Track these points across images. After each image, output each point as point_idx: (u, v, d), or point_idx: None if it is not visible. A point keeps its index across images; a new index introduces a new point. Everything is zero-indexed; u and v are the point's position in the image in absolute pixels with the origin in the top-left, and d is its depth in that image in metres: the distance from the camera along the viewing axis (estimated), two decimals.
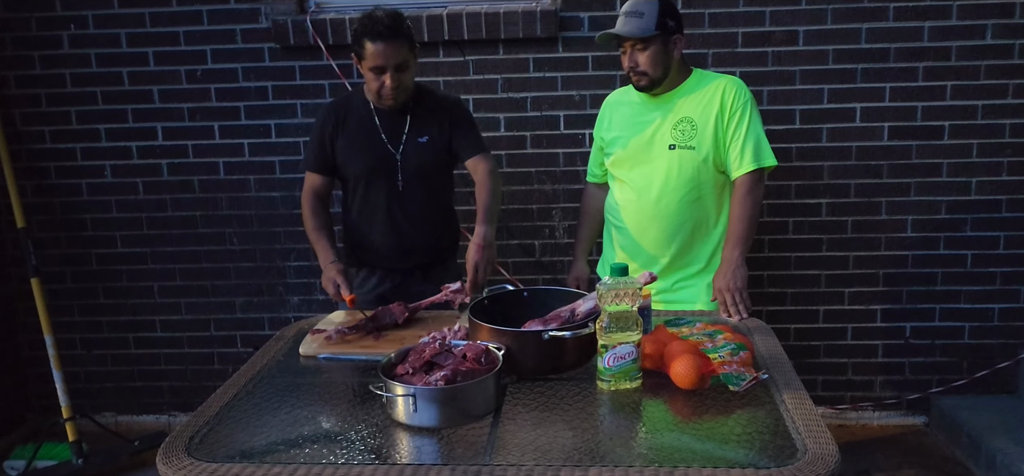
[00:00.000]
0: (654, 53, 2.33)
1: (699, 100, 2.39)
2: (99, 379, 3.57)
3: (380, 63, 2.26)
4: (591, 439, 1.48)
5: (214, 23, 3.17)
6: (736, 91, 2.37)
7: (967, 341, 3.29)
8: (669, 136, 2.40)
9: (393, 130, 2.44)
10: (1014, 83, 3.03)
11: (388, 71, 2.28)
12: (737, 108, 2.35)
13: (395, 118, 2.43)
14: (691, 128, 2.38)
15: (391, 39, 2.25)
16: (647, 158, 2.43)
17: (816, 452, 1.39)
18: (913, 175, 3.14)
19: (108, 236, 3.41)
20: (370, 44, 2.25)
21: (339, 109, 2.48)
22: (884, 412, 3.40)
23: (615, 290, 1.63)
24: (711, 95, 2.38)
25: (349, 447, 1.46)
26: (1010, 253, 3.19)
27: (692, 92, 2.42)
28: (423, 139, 2.44)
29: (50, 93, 3.27)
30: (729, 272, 2.31)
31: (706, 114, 2.37)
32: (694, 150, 2.37)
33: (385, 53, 2.25)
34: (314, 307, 3.41)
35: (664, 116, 2.42)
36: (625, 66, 2.39)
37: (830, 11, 3.01)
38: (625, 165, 2.49)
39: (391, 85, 2.29)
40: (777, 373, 1.76)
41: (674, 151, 2.39)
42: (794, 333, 3.32)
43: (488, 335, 1.71)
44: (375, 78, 2.30)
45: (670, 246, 2.45)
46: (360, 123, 2.44)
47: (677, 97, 2.42)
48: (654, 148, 2.42)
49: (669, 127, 2.40)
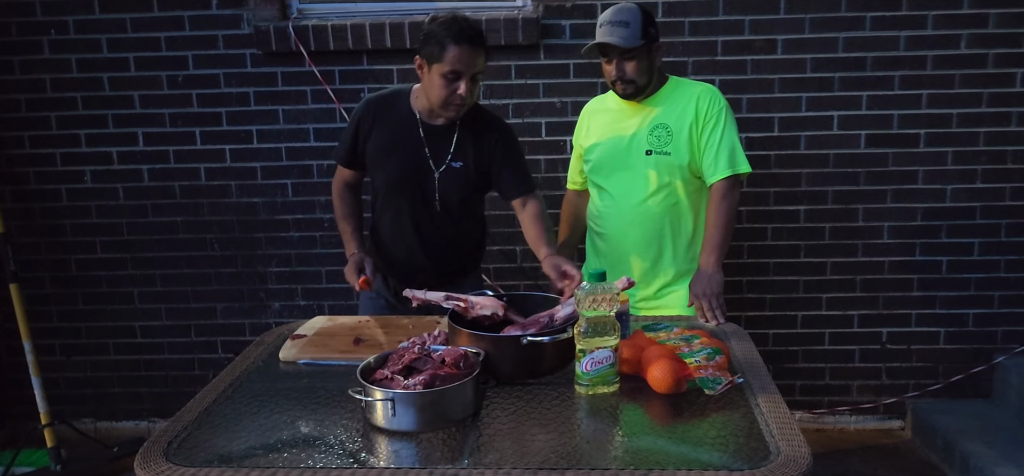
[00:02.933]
0: (640, 62, 2.35)
1: (674, 106, 2.43)
2: (78, 385, 3.55)
3: (460, 68, 2.12)
4: (569, 443, 1.49)
5: (196, 29, 3.17)
6: (711, 98, 2.40)
7: (942, 346, 3.34)
8: (645, 141, 2.42)
9: (439, 146, 2.29)
10: (988, 92, 3.09)
11: (465, 78, 2.14)
12: (711, 115, 2.38)
13: (442, 133, 2.29)
14: (666, 134, 2.41)
15: (478, 45, 2.14)
16: (625, 164, 2.46)
17: (789, 454, 1.41)
18: (889, 182, 3.19)
19: (88, 241, 3.39)
20: (454, 47, 2.10)
21: (380, 107, 2.33)
22: (861, 416, 3.44)
23: (593, 295, 1.65)
24: (686, 102, 2.41)
25: (327, 451, 1.46)
26: (984, 259, 3.24)
27: (668, 98, 2.45)
28: (458, 164, 2.30)
29: (30, 98, 3.26)
30: (705, 278, 2.33)
31: (681, 120, 2.40)
32: (669, 155, 2.40)
33: (469, 59, 2.12)
34: (295, 312, 3.40)
35: (641, 122, 2.45)
36: (611, 76, 2.39)
37: (808, 20, 3.05)
38: (604, 171, 2.51)
39: (465, 94, 2.15)
40: (752, 377, 1.78)
41: (651, 156, 2.41)
42: (773, 338, 3.35)
43: (467, 340, 1.72)
44: (446, 85, 2.15)
45: (650, 250, 2.47)
46: (402, 129, 2.30)
47: (654, 104, 2.45)
48: (632, 154, 2.44)
49: (645, 133, 2.43)
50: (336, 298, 3.41)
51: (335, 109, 3.20)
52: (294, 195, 3.31)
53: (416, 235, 2.37)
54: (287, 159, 3.28)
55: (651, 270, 2.49)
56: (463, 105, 2.20)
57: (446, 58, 2.12)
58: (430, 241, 2.38)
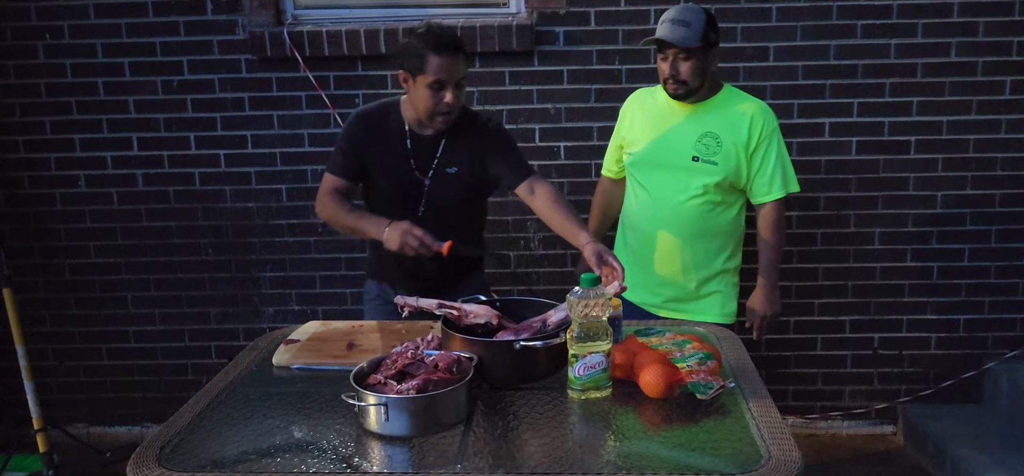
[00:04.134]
0: (696, 64, 2.37)
1: (726, 118, 2.44)
2: (71, 390, 3.54)
3: (443, 77, 2.13)
4: (561, 447, 1.50)
5: (191, 34, 3.18)
6: (765, 119, 2.44)
7: (933, 351, 3.36)
8: (693, 147, 2.44)
9: (424, 155, 2.30)
10: (977, 100, 3.11)
11: (449, 86, 2.15)
12: (765, 136, 2.43)
13: (428, 142, 2.29)
14: (716, 143, 2.43)
15: (457, 52, 2.15)
16: (667, 164, 2.47)
17: (780, 459, 1.43)
18: (880, 189, 3.21)
19: (81, 246, 3.39)
20: (435, 57, 2.11)
21: (375, 120, 2.33)
22: (853, 421, 3.45)
23: (586, 301, 1.66)
24: (739, 117, 2.44)
25: (320, 456, 1.47)
26: (974, 265, 3.27)
27: (720, 108, 2.47)
28: (452, 170, 2.30)
29: (24, 103, 3.25)
30: (767, 298, 2.52)
31: (732, 134, 2.42)
32: (716, 165, 2.42)
33: (451, 66, 2.13)
34: (289, 318, 3.40)
35: (690, 126, 2.46)
36: (664, 72, 2.40)
37: (800, 28, 3.07)
38: (645, 168, 2.51)
39: (452, 101, 2.16)
40: (744, 382, 1.79)
41: (697, 163, 2.43)
42: (765, 343, 3.34)
43: (460, 345, 1.73)
44: (433, 95, 2.16)
45: (681, 254, 2.50)
46: (394, 140, 2.30)
47: (705, 110, 2.47)
48: (676, 156, 2.45)
49: (694, 138, 2.44)
50: (330, 303, 3.41)
51: (330, 114, 3.21)
52: (288, 200, 3.32)
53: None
54: (281, 164, 3.29)
55: (681, 274, 2.53)
56: (451, 113, 2.21)
57: (429, 68, 2.13)
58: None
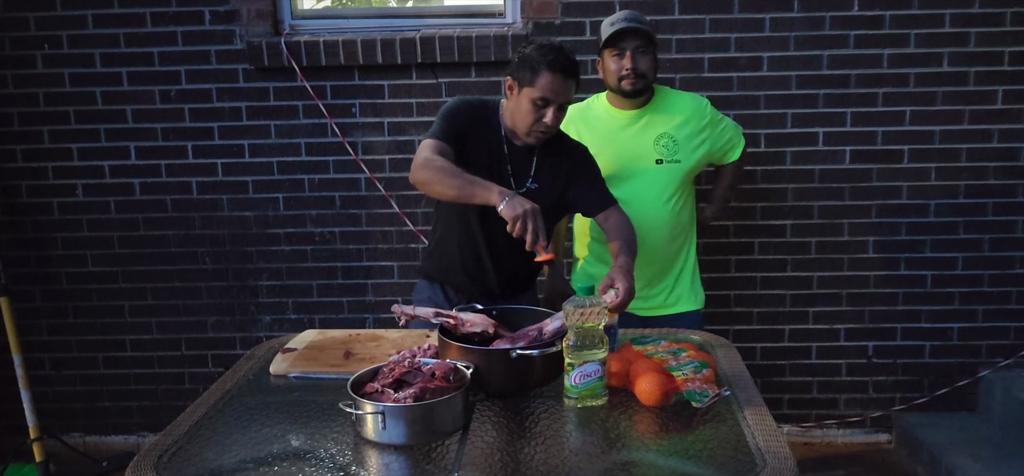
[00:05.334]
0: (652, 59, 2.46)
1: (671, 117, 2.53)
2: (68, 399, 3.54)
3: (550, 96, 2.09)
4: (558, 455, 1.51)
5: (189, 44, 3.19)
6: (704, 103, 2.58)
7: (928, 360, 3.37)
8: (654, 151, 2.50)
9: (521, 167, 2.25)
10: (969, 109, 3.14)
11: (553, 106, 2.11)
12: (709, 116, 2.57)
13: (523, 155, 2.25)
14: (673, 143, 2.50)
15: (571, 75, 2.11)
16: (632, 173, 2.51)
17: (775, 467, 1.43)
18: (874, 197, 3.23)
19: (79, 255, 3.39)
20: (548, 74, 2.07)
21: (480, 114, 2.25)
22: (848, 430, 3.46)
23: (582, 309, 1.67)
24: (682, 112, 2.54)
25: (318, 465, 1.48)
26: (968, 274, 3.29)
27: (663, 108, 2.54)
28: (534, 186, 2.26)
29: (22, 112, 3.26)
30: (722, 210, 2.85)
31: (683, 129, 2.52)
32: (680, 163, 2.50)
33: (560, 88, 2.09)
34: (286, 326, 3.41)
35: (643, 131, 2.52)
36: (620, 72, 2.44)
37: (793, 38, 3.10)
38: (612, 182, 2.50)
39: (550, 122, 2.12)
40: (739, 390, 1.80)
41: (662, 165, 2.50)
42: (760, 352, 3.38)
43: (457, 353, 1.74)
44: (534, 110, 2.11)
45: (660, 256, 2.56)
46: (491, 143, 2.24)
47: (650, 112, 2.53)
48: (639, 163, 2.51)
49: (651, 142, 2.51)
50: (327, 312, 3.42)
51: (327, 124, 3.22)
52: (285, 209, 3.33)
53: (488, 251, 2.29)
54: (279, 173, 3.30)
55: (665, 275, 2.60)
56: (547, 133, 2.17)
57: (538, 84, 2.09)
58: (500, 259, 2.30)
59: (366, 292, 3.39)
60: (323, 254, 3.36)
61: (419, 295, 2.47)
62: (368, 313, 3.41)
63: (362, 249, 3.35)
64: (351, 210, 3.32)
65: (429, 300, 2.40)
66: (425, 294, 2.44)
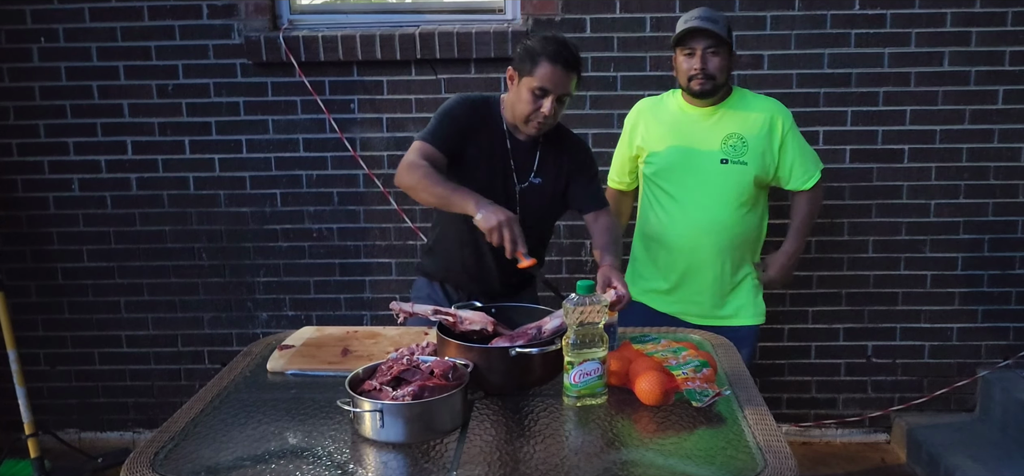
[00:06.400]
0: (723, 60, 2.43)
1: (746, 118, 2.49)
2: (63, 395, 3.52)
3: (549, 86, 2.10)
4: (557, 454, 1.50)
5: (186, 38, 3.17)
6: (784, 113, 2.52)
7: (927, 360, 3.37)
8: (719, 150, 2.47)
9: (523, 161, 2.27)
10: (970, 109, 3.13)
11: (551, 97, 2.11)
12: (788, 129, 2.51)
13: (526, 149, 2.26)
14: (742, 144, 2.47)
15: (572, 68, 2.11)
16: (695, 171, 2.48)
17: (775, 467, 1.42)
18: (874, 197, 3.23)
19: (74, 250, 3.37)
20: (548, 64, 2.08)
21: (481, 112, 2.25)
22: (847, 430, 3.46)
23: (582, 307, 1.66)
24: (758, 115, 2.49)
25: (315, 462, 1.46)
26: (968, 274, 3.28)
27: (737, 108, 2.51)
28: (538, 180, 2.28)
29: (18, 106, 3.24)
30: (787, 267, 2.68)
31: (755, 132, 2.48)
32: (746, 165, 2.46)
33: (559, 79, 2.10)
34: (283, 323, 3.40)
35: (710, 130, 2.49)
36: (690, 70, 2.42)
37: (793, 37, 3.09)
38: (673, 177, 2.52)
39: (548, 113, 2.12)
40: (739, 389, 1.79)
41: (726, 165, 2.46)
42: (760, 351, 3.36)
43: (456, 351, 1.73)
44: (532, 100, 2.12)
45: (723, 260, 2.52)
46: (493, 139, 2.25)
47: (723, 112, 2.50)
48: (703, 161, 2.48)
49: (718, 141, 2.47)
50: (324, 309, 3.40)
51: (325, 119, 3.21)
52: (283, 205, 3.31)
53: (490, 249, 2.21)
54: (276, 169, 3.28)
55: (727, 281, 2.55)
56: (545, 124, 2.17)
57: (537, 73, 2.10)
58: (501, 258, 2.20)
59: (364, 289, 3.38)
60: (321, 251, 3.34)
61: (418, 292, 2.46)
62: (366, 310, 3.40)
63: (360, 246, 3.34)
64: (349, 206, 3.30)
65: (428, 297, 2.38)
66: (424, 291, 2.43)
